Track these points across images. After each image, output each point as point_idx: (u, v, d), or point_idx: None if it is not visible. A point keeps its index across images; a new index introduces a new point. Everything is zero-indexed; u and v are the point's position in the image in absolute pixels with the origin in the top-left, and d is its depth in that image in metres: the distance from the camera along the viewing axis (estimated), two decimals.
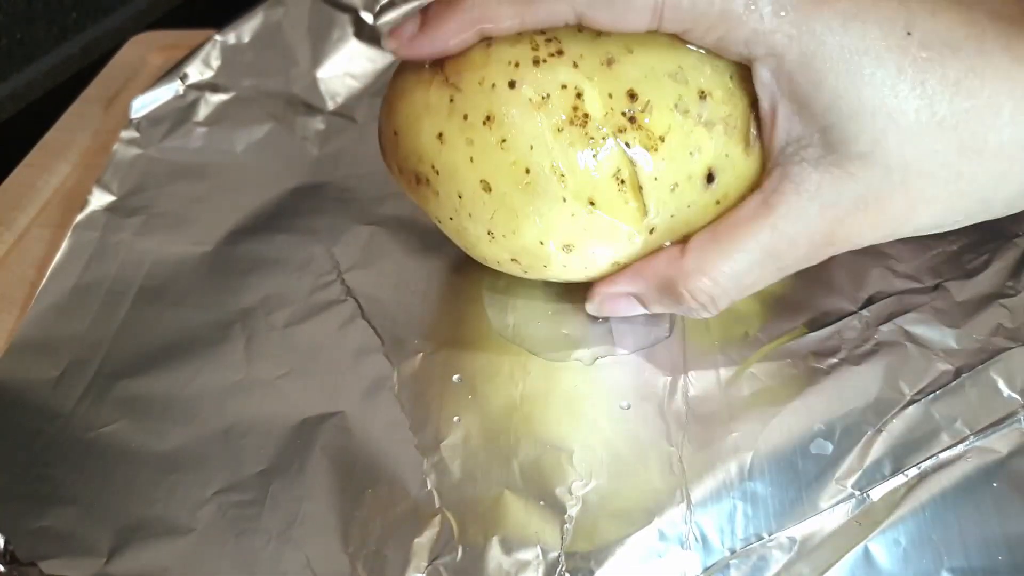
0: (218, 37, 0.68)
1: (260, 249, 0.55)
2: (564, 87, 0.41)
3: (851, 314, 0.48)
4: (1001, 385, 0.44)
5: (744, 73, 0.42)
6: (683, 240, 0.44)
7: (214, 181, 0.60)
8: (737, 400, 0.45)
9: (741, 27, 0.39)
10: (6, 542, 0.41)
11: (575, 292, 0.49)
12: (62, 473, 0.44)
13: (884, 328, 0.47)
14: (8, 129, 0.76)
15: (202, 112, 0.65)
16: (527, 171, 0.41)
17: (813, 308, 0.49)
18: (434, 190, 0.44)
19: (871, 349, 0.46)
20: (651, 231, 0.43)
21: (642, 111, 0.41)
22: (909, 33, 0.38)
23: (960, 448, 0.42)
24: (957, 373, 0.45)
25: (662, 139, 0.41)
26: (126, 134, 0.63)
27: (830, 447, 0.42)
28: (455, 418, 0.45)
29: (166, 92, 0.65)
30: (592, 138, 0.41)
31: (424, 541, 0.40)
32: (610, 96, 0.41)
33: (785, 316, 0.48)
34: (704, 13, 0.39)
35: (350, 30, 0.69)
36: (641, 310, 0.47)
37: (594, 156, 0.41)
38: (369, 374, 0.47)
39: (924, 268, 0.50)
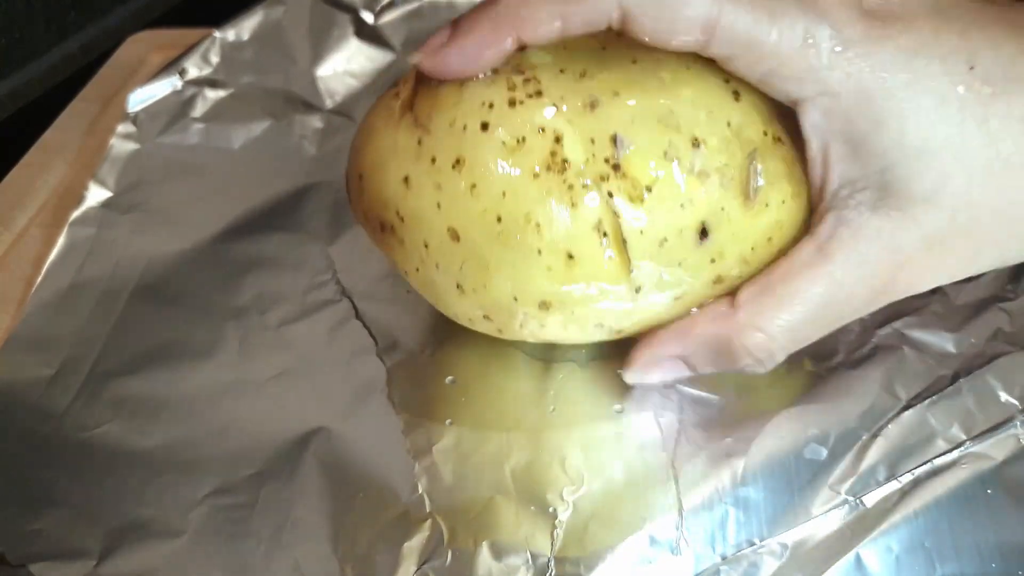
0: (217, 34, 0.67)
1: (255, 247, 0.55)
2: (542, 130, 0.38)
3: None
4: (999, 390, 0.44)
5: (745, 120, 0.39)
6: (693, 303, 0.42)
7: (210, 178, 0.60)
8: (731, 404, 0.44)
9: (795, 63, 0.36)
10: None
11: None
12: (54, 475, 0.44)
13: (882, 331, 0.47)
14: (7, 128, 0.75)
15: (200, 108, 0.64)
16: (499, 220, 0.38)
17: None
18: (399, 238, 0.41)
19: (868, 353, 0.46)
20: (637, 290, 0.40)
21: (627, 158, 0.38)
22: (972, 68, 0.36)
23: (955, 454, 0.42)
24: (955, 378, 0.44)
25: (649, 189, 0.38)
26: (123, 128, 0.62)
27: (824, 452, 0.42)
28: (447, 421, 0.45)
29: (164, 87, 0.65)
30: (571, 186, 0.38)
31: (414, 545, 0.40)
32: (592, 141, 0.38)
33: None
34: (758, 41, 0.36)
35: (350, 29, 0.68)
36: (686, 373, 0.43)
37: (573, 206, 0.38)
38: (362, 376, 0.47)
39: None
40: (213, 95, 0.65)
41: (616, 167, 0.38)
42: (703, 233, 0.39)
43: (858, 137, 0.37)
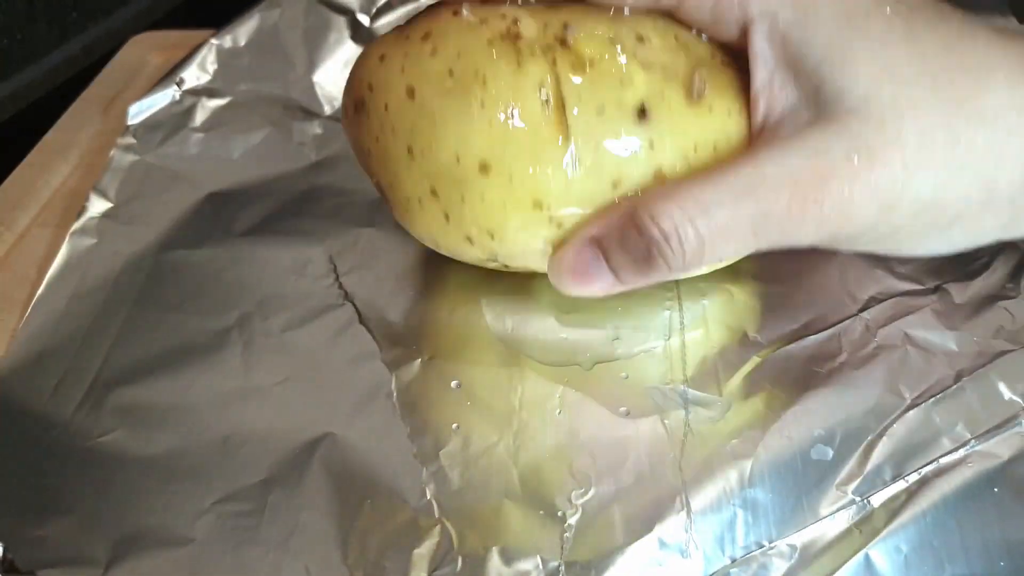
0: (214, 41, 0.67)
1: (257, 254, 0.55)
2: (503, 16, 0.42)
3: (851, 316, 0.48)
4: (1002, 388, 0.44)
5: (693, 41, 0.42)
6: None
7: (211, 187, 0.60)
8: (737, 405, 0.44)
9: None
10: (5, 550, 0.41)
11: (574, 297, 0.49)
12: (60, 482, 0.44)
13: (884, 331, 0.47)
14: (8, 129, 0.76)
15: (199, 118, 0.64)
16: (450, 74, 0.41)
17: (813, 310, 0.48)
18: (367, 110, 0.44)
19: (871, 352, 0.46)
20: (577, 162, 0.41)
21: (576, 38, 0.41)
22: None
23: (961, 453, 0.42)
24: (958, 376, 0.44)
25: (591, 63, 0.40)
26: (123, 140, 0.62)
27: (830, 452, 0.42)
28: (454, 425, 0.45)
29: (163, 98, 0.65)
30: (520, 51, 0.41)
31: (423, 552, 0.40)
32: (545, 25, 0.41)
33: (784, 318, 0.48)
34: None
35: (347, 33, 0.68)
36: (607, 274, 0.41)
37: (519, 65, 0.40)
38: (367, 381, 0.47)
39: (924, 269, 0.49)
40: (211, 104, 0.65)
41: (563, 41, 0.41)
42: (642, 112, 0.40)
43: (794, 57, 0.39)
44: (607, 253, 0.41)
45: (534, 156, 0.41)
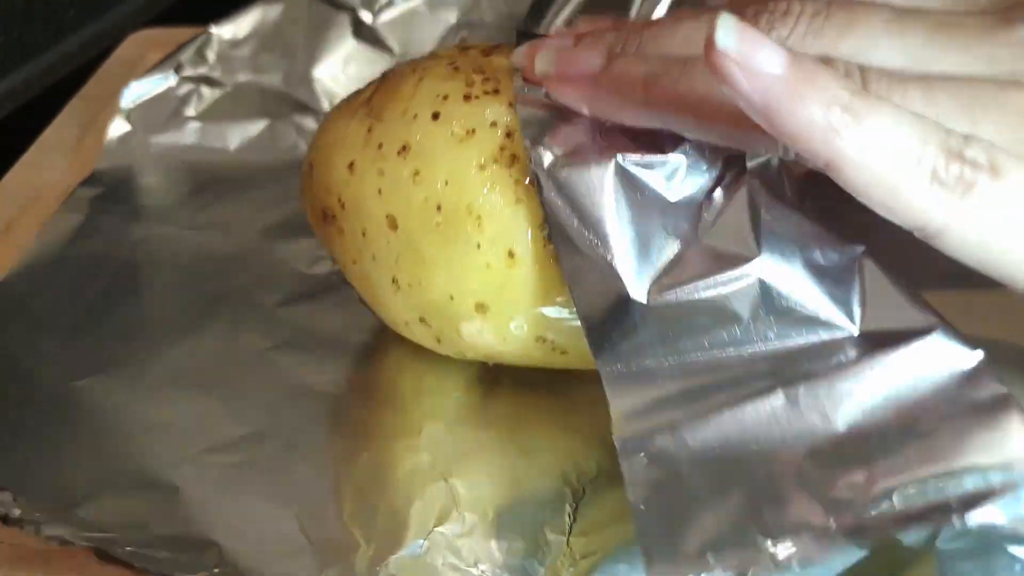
0: (214, 30, 0.67)
1: (253, 245, 0.54)
2: (493, 124, 0.37)
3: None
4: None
5: None
6: None
7: (206, 177, 0.60)
8: None
9: None
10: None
11: None
12: (32, 413, 0.45)
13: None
14: (5, 127, 0.75)
15: (195, 106, 0.64)
16: (438, 209, 0.37)
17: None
18: (339, 227, 0.40)
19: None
20: None
21: None
22: None
23: None
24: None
25: None
26: (117, 124, 0.62)
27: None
28: (455, 395, 0.44)
29: (159, 83, 0.64)
30: (517, 180, 0.36)
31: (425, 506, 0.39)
32: None
33: None
34: None
35: (348, 29, 0.68)
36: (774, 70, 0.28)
37: (516, 199, 0.36)
38: (361, 345, 0.47)
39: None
40: (209, 93, 0.65)
41: None
42: None
43: None
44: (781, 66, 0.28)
45: (537, 296, 0.37)
